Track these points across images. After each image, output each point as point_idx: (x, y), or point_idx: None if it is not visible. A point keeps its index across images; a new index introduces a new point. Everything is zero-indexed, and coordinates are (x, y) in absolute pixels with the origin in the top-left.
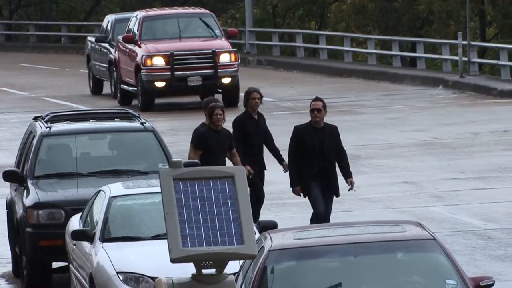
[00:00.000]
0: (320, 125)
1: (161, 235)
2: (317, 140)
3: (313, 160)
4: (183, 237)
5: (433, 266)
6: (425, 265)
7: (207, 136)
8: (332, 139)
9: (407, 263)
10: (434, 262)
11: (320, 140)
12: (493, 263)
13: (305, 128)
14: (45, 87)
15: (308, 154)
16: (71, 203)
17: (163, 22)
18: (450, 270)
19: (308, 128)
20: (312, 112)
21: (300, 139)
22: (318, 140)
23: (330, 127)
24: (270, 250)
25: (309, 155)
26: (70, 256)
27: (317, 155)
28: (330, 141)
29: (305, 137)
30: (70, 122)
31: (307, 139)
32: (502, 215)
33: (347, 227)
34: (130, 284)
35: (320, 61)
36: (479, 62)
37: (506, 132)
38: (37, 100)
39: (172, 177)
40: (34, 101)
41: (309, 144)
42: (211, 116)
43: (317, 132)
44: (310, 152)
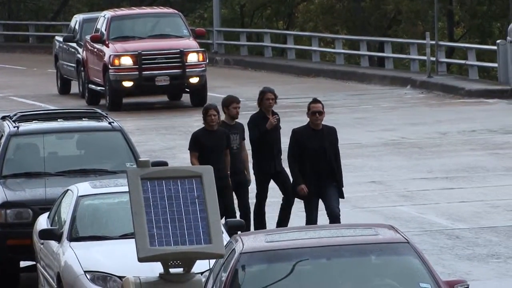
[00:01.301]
0: (320, 127)
1: (129, 234)
2: (317, 143)
3: (313, 163)
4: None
5: (407, 269)
6: (399, 268)
7: (200, 137)
8: (331, 140)
9: (381, 266)
10: (408, 266)
11: (320, 142)
12: (461, 263)
13: (304, 131)
14: (12, 86)
15: (308, 157)
16: (38, 202)
17: (131, 22)
18: (424, 274)
19: (307, 131)
20: (314, 115)
21: (300, 142)
22: (318, 143)
23: (328, 128)
24: (242, 253)
25: (309, 158)
26: (37, 255)
27: (317, 157)
28: (330, 143)
29: (304, 140)
30: (38, 122)
31: (306, 142)
32: (469, 215)
33: (319, 230)
34: (98, 283)
35: (288, 61)
36: (447, 62)
37: (473, 132)
38: (4, 99)
39: (139, 177)
40: (1, 100)
41: (309, 147)
42: (205, 117)
43: (317, 134)
44: (311, 155)
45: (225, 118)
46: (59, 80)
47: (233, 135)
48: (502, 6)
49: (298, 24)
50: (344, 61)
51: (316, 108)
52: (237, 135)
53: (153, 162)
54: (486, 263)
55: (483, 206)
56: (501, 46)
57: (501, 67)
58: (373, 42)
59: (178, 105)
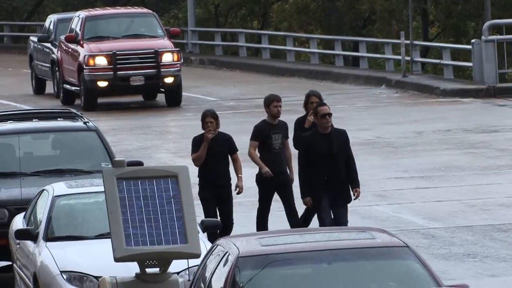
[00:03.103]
0: (329, 130)
1: (105, 234)
2: (325, 147)
3: (322, 168)
4: (126, 236)
5: (409, 274)
6: (401, 273)
7: (200, 143)
8: (341, 144)
9: (382, 271)
10: (410, 270)
11: (329, 146)
12: (437, 262)
13: (312, 135)
14: None
15: (317, 161)
16: (14, 202)
17: (105, 22)
18: (427, 278)
19: (315, 135)
20: (324, 118)
21: (309, 147)
22: (327, 146)
23: (338, 131)
24: (239, 257)
25: (318, 163)
26: (13, 255)
27: (326, 162)
28: (339, 147)
29: (313, 144)
30: (13, 122)
31: (315, 146)
32: (445, 214)
33: (314, 233)
34: (74, 283)
35: (263, 60)
36: (421, 61)
37: (449, 131)
38: None
39: (115, 177)
40: None
41: (317, 151)
42: (202, 124)
43: (326, 138)
44: (319, 160)
45: (267, 118)
46: (34, 80)
47: (274, 134)
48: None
49: (273, 23)
50: (319, 60)
51: (325, 111)
52: (279, 134)
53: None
54: (462, 262)
55: (459, 205)
56: (475, 45)
57: (476, 67)
58: (348, 42)
59: (153, 105)
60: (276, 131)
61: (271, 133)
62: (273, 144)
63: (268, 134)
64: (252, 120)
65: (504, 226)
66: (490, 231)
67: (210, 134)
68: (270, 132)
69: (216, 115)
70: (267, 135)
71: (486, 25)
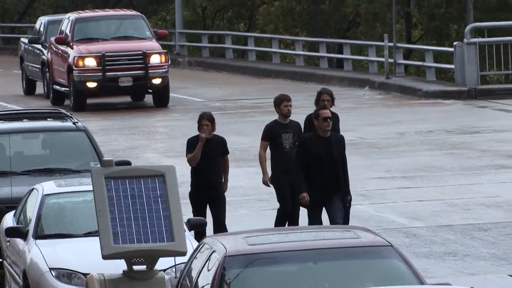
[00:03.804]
0: (328, 134)
1: (93, 232)
2: (324, 150)
3: (319, 170)
4: (114, 234)
5: (393, 272)
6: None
7: (195, 144)
8: (339, 148)
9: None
10: (394, 269)
11: (328, 150)
12: (419, 261)
13: (312, 138)
14: None
15: (314, 164)
16: (4, 200)
17: (94, 24)
18: (411, 277)
19: (315, 138)
20: (325, 121)
21: (307, 149)
22: (326, 150)
23: (336, 136)
24: (226, 256)
25: (315, 165)
26: (4, 252)
27: (324, 165)
28: (337, 151)
29: (312, 147)
30: (4, 122)
31: (314, 149)
32: (427, 214)
33: (300, 232)
34: (63, 280)
35: (249, 62)
36: (404, 63)
37: (431, 132)
38: None
39: (103, 176)
40: None
41: (316, 154)
42: (199, 125)
43: (325, 141)
44: (317, 162)
45: (278, 118)
46: (25, 81)
47: (284, 133)
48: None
49: (259, 26)
50: (304, 62)
51: (326, 114)
52: (289, 133)
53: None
54: (443, 261)
55: (440, 205)
56: (458, 48)
57: (457, 69)
58: (332, 44)
59: (141, 106)
60: (286, 130)
61: (281, 132)
62: (283, 143)
63: (278, 133)
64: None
65: (484, 226)
66: (471, 230)
67: (203, 134)
68: (280, 132)
69: (212, 118)
70: (277, 134)
71: (468, 28)
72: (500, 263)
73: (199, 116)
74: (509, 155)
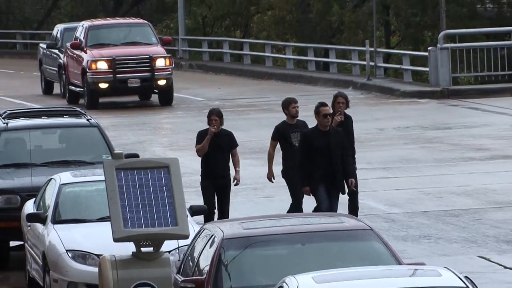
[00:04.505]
0: (328, 128)
1: (105, 217)
2: (324, 143)
3: (320, 161)
4: (124, 219)
5: (373, 253)
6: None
7: (204, 136)
8: (337, 141)
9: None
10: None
11: (327, 142)
12: (397, 243)
13: (313, 132)
14: (2, 88)
15: (316, 155)
16: (26, 189)
17: (106, 31)
18: (389, 257)
19: (316, 132)
20: (325, 117)
21: (310, 142)
22: (325, 143)
23: (335, 130)
24: (224, 239)
25: (317, 157)
26: (25, 236)
27: (324, 156)
28: (335, 143)
29: (313, 140)
30: (25, 119)
31: (315, 142)
32: (403, 201)
33: (289, 218)
34: (78, 261)
35: (244, 65)
36: (384, 66)
37: (407, 128)
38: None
39: (114, 167)
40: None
41: (317, 146)
42: (208, 120)
43: (324, 135)
44: (318, 154)
45: (287, 119)
46: (43, 82)
47: (293, 133)
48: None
49: (253, 33)
50: (294, 65)
51: (327, 111)
52: (297, 133)
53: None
54: (418, 243)
55: (416, 193)
56: (432, 52)
57: (431, 71)
58: (319, 49)
59: (148, 104)
60: (294, 130)
61: (290, 132)
62: (292, 142)
63: (288, 134)
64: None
65: (455, 212)
66: (443, 216)
67: (213, 128)
68: (289, 132)
69: (220, 114)
70: (287, 134)
71: (441, 34)
72: (470, 246)
73: (209, 112)
74: (478, 148)
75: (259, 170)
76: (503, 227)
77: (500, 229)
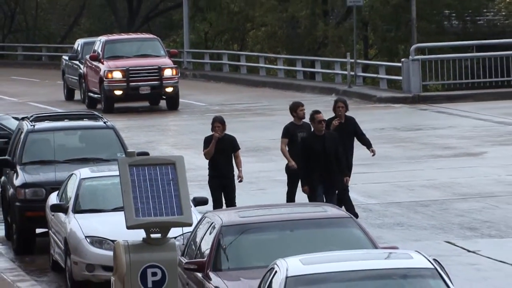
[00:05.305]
0: (322, 132)
1: (119, 208)
2: (320, 146)
3: (317, 163)
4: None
5: (353, 239)
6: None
7: (210, 141)
8: (332, 144)
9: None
10: (354, 236)
11: (323, 146)
12: (373, 230)
13: (310, 136)
14: (29, 94)
15: (313, 157)
16: (50, 183)
17: (120, 44)
18: (367, 242)
19: (312, 136)
20: (320, 123)
21: (307, 146)
22: (321, 146)
23: (330, 134)
24: (223, 226)
25: (314, 159)
26: (49, 224)
27: (320, 158)
28: (330, 146)
29: (311, 144)
30: (50, 121)
31: (312, 146)
32: (379, 193)
33: (280, 208)
34: (95, 246)
35: (241, 75)
36: (363, 75)
37: (383, 129)
38: (23, 104)
39: (128, 164)
40: (21, 105)
41: (314, 149)
42: (212, 127)
43: (320, 138)
44: (315, 156)
45: (294, 120)
46: (66, 90)
47: (299, 133)
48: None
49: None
50: (284, 75)
51: (321, 118)
52: (303, 132)
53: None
54: (392, 230)
55: (390, 186)
56: (404, 63)
57: (404, 79)
58: (306, 60)
59: (157, 109)
60: (300, 130)
61: (297, 132)
62: (299, 141)
63: (294, 133)
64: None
65: (425, 203)
66: (414, 206)
67: (217, 133)
68: (296, 131)
69: (223, 121)
70: (293, 133)
71: (413, 47)
72: (438, 232)
73: (213, 119)
74: (444, 147)
75: (253, 166)
76: (466, 216)
77: (464, 217)
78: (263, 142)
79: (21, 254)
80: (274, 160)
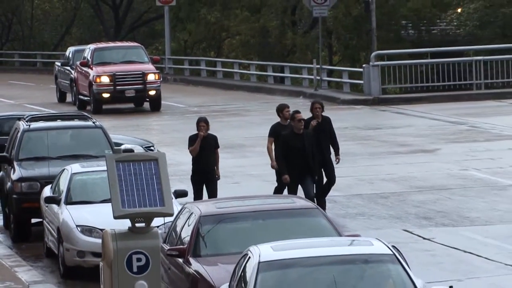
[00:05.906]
0: (301, 131)
1: (107, 200)
2: (300, 143)
3: (296, 158)
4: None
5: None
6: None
7: (194, 140)
8: (309, 141)
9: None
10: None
11: (301, 143)
12: (339, 220)
13: (289, 134)
14: (25, 97)
15: (292, 153)
16: (44, 177)
17: (108, 52)
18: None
19: (291, 134)
20: (299, 122)
21: (286, 143)
22: (300, 143)
23: (307, 133)
24: (201, 216)
25: (293, 155)
26: (43, 214)
27: (299, 154)
28: (308, 143)
29: (289, 141)
30: (44, 121)
31: (291, 143)
32: (343, 186)
33: (253, 199)
34: (85, 234)
35: (217, 79)
36: (328, 80)
37: (346, 128)
38: (20, 106)
39: (114, 160)
40: (18, 106)
41: (292, 146)
42: (197, 126)
43: (299, 136)
44: (294, 152)
45: (280, 120)
46: (58, 93)
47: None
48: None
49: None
50: (256, 79)
51: (300, 117)
52: None
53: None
54: (355, 220)
55: (353, 180)
56: (365, 68)
57: (365, 83)
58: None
59: (141, 110)
60: (286, 130)
61: (282, 131)
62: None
63: (280, 132)
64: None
65: (384, 195)
66: (375, 198)
67: (202, 132)
68: (281, 131)
69: (207, 121)
70: (279, 133)
71: (373, 54)
72: (396, 221)
73: (198, 119)
74: (402, 144)
75: (229, 161)
76: (422, 207)
77: (420, 208)
78: (238, 140)
79: (18, 242)
80: (247, 157)
